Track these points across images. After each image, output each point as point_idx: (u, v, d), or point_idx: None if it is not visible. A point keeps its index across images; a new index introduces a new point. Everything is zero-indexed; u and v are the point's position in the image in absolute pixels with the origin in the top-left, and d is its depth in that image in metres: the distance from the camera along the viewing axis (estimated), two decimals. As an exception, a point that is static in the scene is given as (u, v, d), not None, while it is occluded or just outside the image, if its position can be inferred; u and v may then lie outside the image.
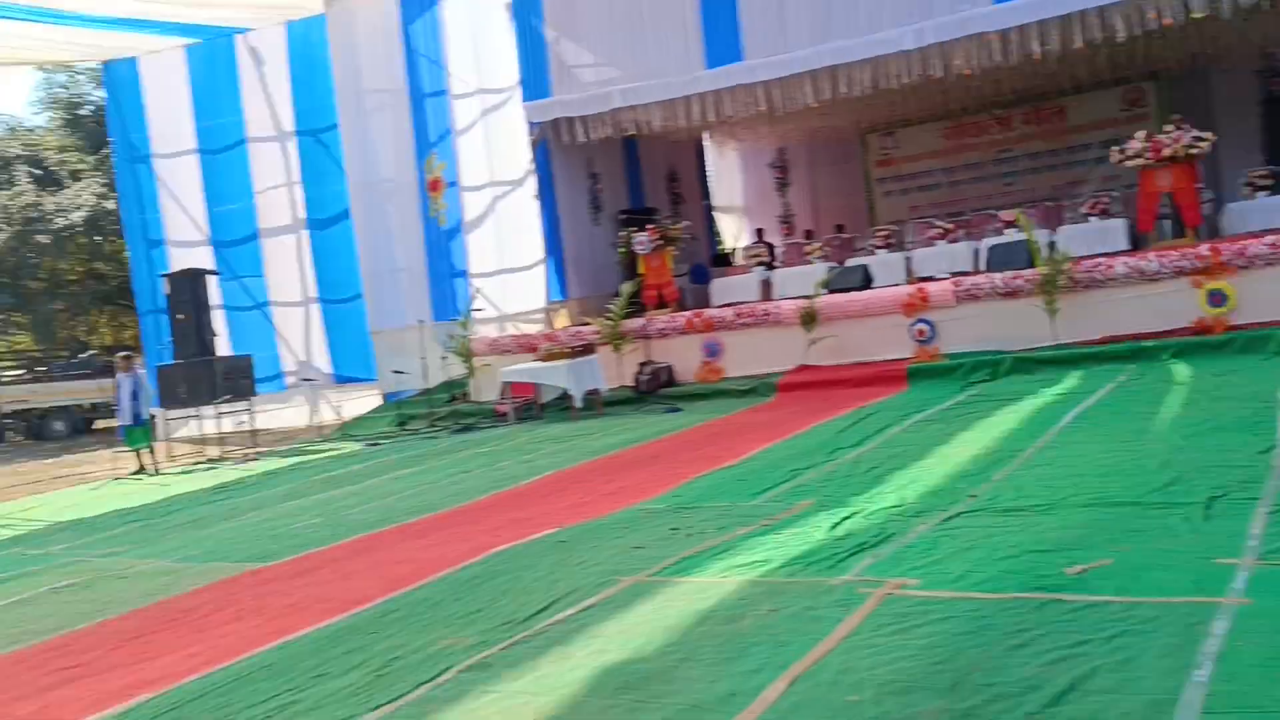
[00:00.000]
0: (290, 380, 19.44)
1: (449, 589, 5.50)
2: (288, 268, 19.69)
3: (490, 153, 17.97)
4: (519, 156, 17.37)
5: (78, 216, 28.81)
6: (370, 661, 4.43)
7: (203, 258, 19.46)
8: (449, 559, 6.19)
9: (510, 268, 17.77)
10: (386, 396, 17.62)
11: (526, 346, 15.54)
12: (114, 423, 17.92)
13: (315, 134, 19.38)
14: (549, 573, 5.51)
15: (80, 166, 30.86)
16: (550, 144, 16.82)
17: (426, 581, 5.70)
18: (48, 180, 30.48)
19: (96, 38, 19.19)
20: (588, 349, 14.39)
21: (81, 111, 33.97)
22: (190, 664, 4.77)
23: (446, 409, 15.76)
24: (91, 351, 29.80)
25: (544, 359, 14.20)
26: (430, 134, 18.32)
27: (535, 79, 16.60)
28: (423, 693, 3.99)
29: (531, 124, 16.78)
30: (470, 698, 3.87)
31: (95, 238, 30.71)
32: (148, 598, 6.35)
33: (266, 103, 19.65)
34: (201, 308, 16.08)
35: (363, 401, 17.90)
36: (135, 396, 14.84)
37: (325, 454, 13.99)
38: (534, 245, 17.19)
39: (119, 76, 20.94)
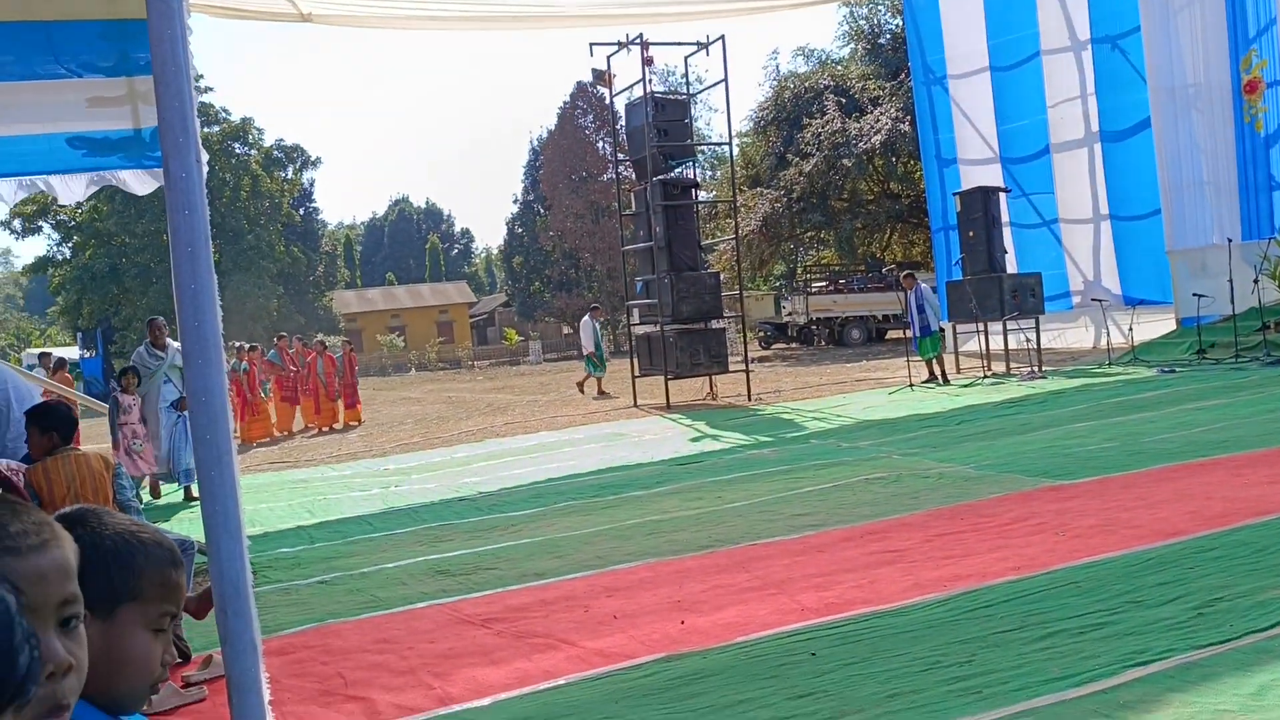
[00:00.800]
0: (1077, 300, 19.00)
1: (1276, 535, 4.98)
2: (1078, 183, 19.12)
3: (1327, 42, 15.48)
4: (1366, 44, 14.74)
5: (876, 140, 30.94)
6: (1188, 598, 4.20)
7: (992, 175, 19.73)
8: (1273, 502, 5.60)
9: (1347, 178, 15.26)
10: (1183, 321, 16.35)
11: (1363, 270, 13.28)
12: (904, 333, 19.21)
13: (1113, 40, 18.38)
14: None
15: (878, 93, 33.02)
16: None
17: (1248, 523, 5.23)
18: (851, 108, 33.15)
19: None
20: None
21: (880, 40, 36.30)
22: (998, 568, 4.96)
23: (1255, 338, 14.15)
24: (888, 267, 32.14)
25: (1389, 284, 12.02)
26: (1249, 28, 16.30)
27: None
28: (1252, 642, 3.68)
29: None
30: (1314, 660, 3.48)
31: (891, 159, 32.85)
32: (950, 499, 6.74)
33: (1061, 12, 19.08)
34: (991, 225, 16.34)
35: (1155, 325, 16.84)
36: (921, 310, 15.67)
37: (1115, 378, 13.49)
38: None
39: (918, 2, 21.88)
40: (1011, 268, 17.59)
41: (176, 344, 10.55)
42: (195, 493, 10.01)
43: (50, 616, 1.12)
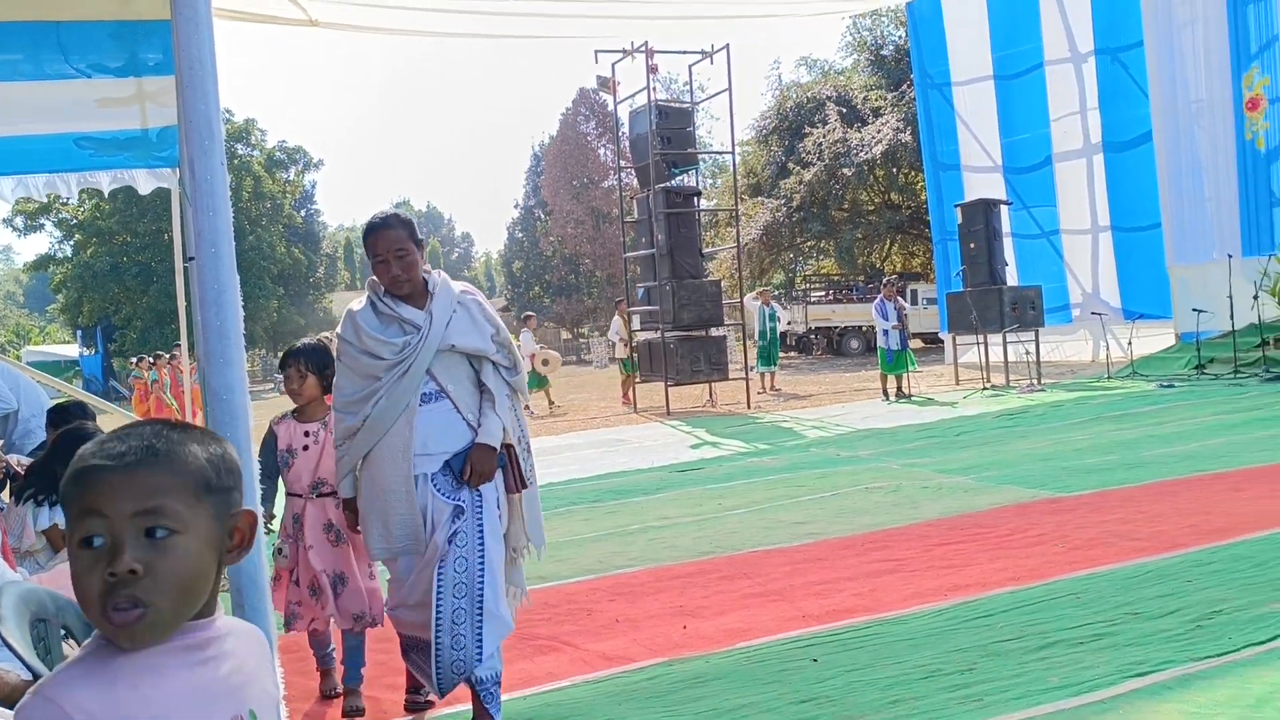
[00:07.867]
0: (1076, 313, 19.05)
1: (1275, 549, 5.02)
2: (1078, 195, 19.17)
3: (1327, 62, 15.53)
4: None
5: (877, 150, 31.03)
6: (1187, 610, 4.24)
7: (994, 184, 19.79)
8: (1272, 517, 5.64)
9: (1347, 195, 15.30)
10: (1182, 336, 16.40)
11: (1363, 287, 13.32)
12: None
13: (1115, 53, 18.44)
14: None
15: (880, 104, 33.12)
16: None
17: (1247, 538, 5.27)
18: (853, 118, 33.25)
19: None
20: None
21: (883, 52, 36.41)
22: (997, 577, 5.00)
23: (1254, 354, 14.20)
24: (887, 278, 32.16)
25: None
26: (1250, 45, 16.35)
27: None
28: (1252, 654, 3.71)
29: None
30: (1311, 672, 3.51)
31: (891, 169, 32.94)
32: (949, 510, 6.77)
33: (1063, 24, 19.14)
34: (993, 237, 16.37)
35: (1154, 340, 16.89)
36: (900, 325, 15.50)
37: (1114, 391, 13.53)
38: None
39: (921, 14, 21.94)
40: (1012, 280, 17.64)
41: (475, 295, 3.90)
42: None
43: (125, 526, 1.19)
